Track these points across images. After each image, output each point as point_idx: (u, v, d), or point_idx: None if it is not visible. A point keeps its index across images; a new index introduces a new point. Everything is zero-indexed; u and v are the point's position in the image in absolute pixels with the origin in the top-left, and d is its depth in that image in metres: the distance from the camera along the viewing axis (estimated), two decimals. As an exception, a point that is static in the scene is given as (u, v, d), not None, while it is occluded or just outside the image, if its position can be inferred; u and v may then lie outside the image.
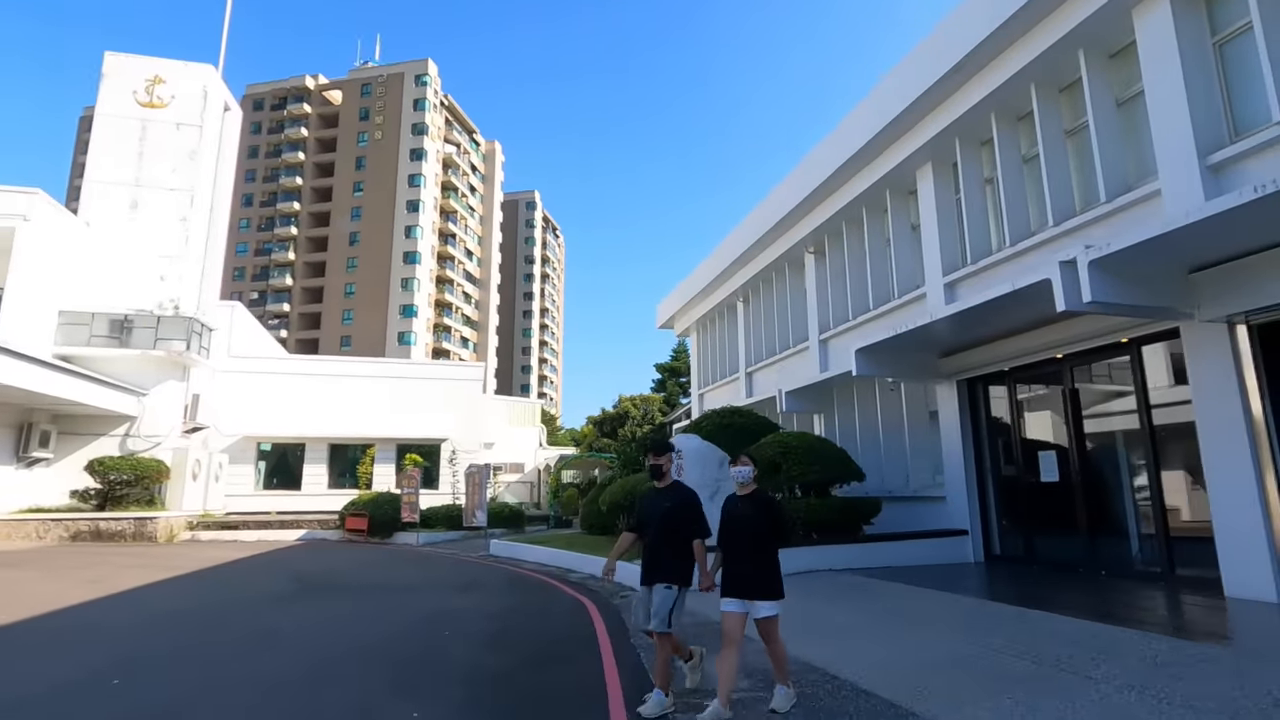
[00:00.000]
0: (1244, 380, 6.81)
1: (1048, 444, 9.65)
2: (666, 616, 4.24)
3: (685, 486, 4.72)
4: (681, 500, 4.51)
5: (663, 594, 4.26)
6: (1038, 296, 7.56)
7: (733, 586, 4.17)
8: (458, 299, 77.55)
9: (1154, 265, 6.80)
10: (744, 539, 4.19)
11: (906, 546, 10.21)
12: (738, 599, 4.13)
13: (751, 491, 4.35)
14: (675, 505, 4.46)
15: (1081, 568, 8.83)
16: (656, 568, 4.35)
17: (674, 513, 4.43)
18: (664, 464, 4.63)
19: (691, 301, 21.97)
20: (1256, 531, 6.58)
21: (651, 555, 4.41)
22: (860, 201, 13.30)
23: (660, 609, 4.26)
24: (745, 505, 4.31)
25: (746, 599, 4.12)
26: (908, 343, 10.13)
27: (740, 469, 4.36)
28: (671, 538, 4.36)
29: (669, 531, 4.37)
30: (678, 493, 4.57)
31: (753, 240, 16.70)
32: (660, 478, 4.64)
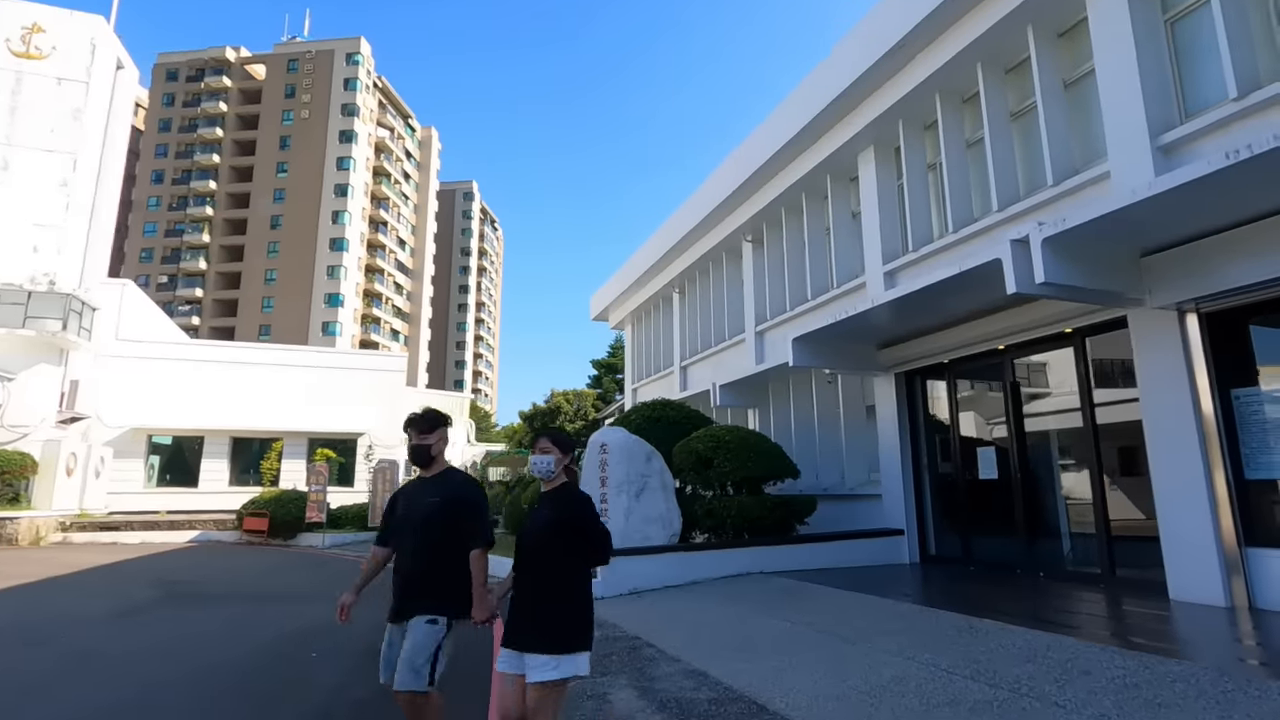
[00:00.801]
0: (1193, 372, 6.45)
1: (986, 440, 9.26)
2: (426, 667, 2.96)
3: (460, 474, 3.47)
4: (455, 493, 3.24)
5: (423, 632, 3.02)
6: (985, 280, 7.06)
7: (508, 630, 2.83)
8: (388, 289, 74.54)
9: (1108, 246, 6.37)
10: (530, 557, 2.88)
11: (841, 547, 9.66)
12: (510, 649, 2.79)
13: (557, 488, 3.00)
14: (445, 500, 3.20)
15: (1019, 568, 8.44)
16: (413, 592, 3.12)
17: (443, 510, 3.18)
18: (432, 444, 3.35)
19: (626, 292, 21.16)
20: (1204, 532, 6.21)
21: (405, 576, 3.19)
22: (800, 187, 12.76)
23: (415, 654, 2.97)
24: (544, 507, 2.98)
25: (518, 649, 2.76)
26: (847, 332, 9.57)
27: (540, 458, 2.99)
28: (438, 549, 3.14)
29: (433, 540, 3.15)
30: (450, 483, 3.30)
31: (690, 227, 16.00)
32: (427, 464, 3.36)
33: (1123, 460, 7.56)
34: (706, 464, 10.14)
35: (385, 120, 76.44)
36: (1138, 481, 7.39)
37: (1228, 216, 5.93)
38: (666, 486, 10.03)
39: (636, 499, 9.81)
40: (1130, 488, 7.50)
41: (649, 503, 9.82)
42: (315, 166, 66.64)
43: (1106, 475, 7.57)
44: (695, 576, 8.82)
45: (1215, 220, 6.01)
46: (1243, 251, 5.93)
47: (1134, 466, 7.44)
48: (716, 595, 7.79)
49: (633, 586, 8.48)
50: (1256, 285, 5.94)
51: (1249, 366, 6.34)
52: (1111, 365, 7.78)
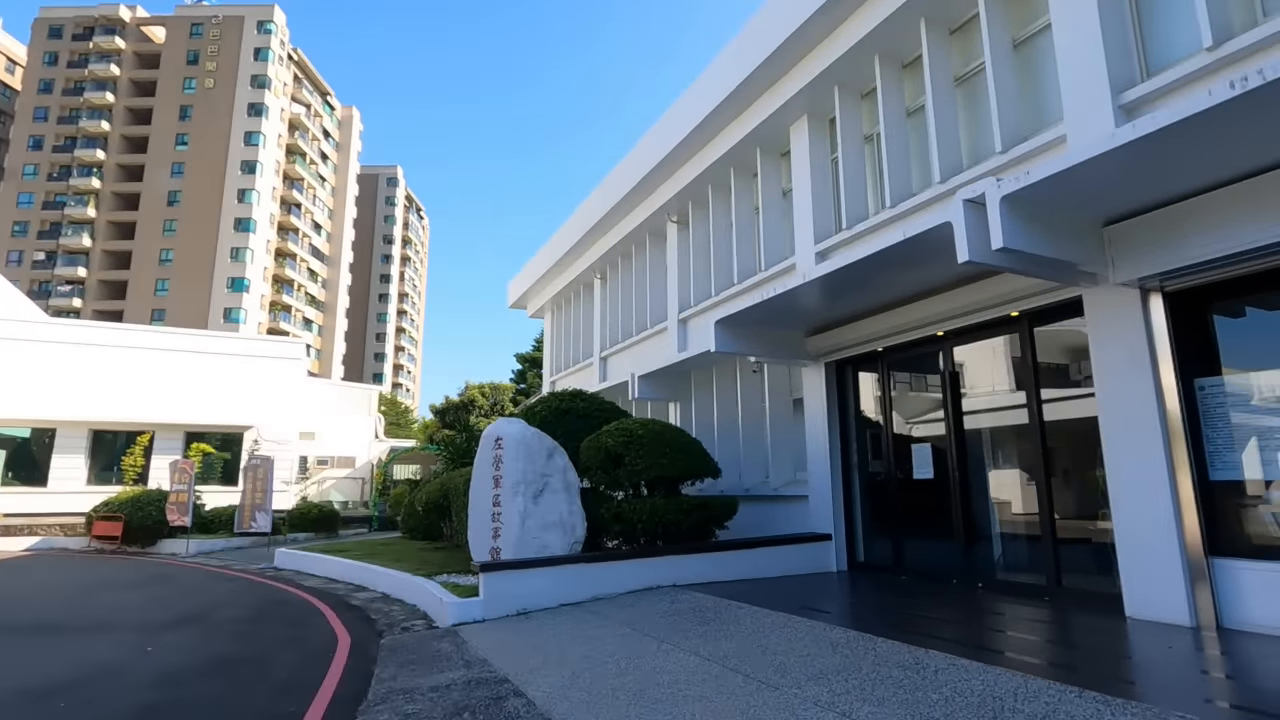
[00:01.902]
0: (1157, 360, 5.69)
1: (922, 437, 8.44)
2: None
3: None
4: None
5: None
6: (931, 249, 6.15)
7: None
8: (301, 276, 70.10)
9: (1069, 213, 5.52)
10: None
11: (764, 555, 8.64)
12: None
13: None
14: None
15: (956, 578, 7.62)
16: None
17: None
18: None
19: (545, 278, 19.76)
20: (1167, 541, 5.45)
21: None
22: (728, 162, 11.74)
23: None
24: None
25: None
26: (774, 314, 8.56)
27: None
28: None
29: None
30: None
31: (611, 205, 14.78)
32: None
33: (1072, 459, 6.81)
34: (616, 461, 8.94)
35: (301, 96, 71.86)
36: (1088, 483, 6.65)
37: (1195, 179, 5.17)
38: (570, 487, 8.77)
39: (535, 501, 8.50)
40: (1080, 490, 6.76)
41: (549, 506, 8.53)
42: (220, 140, 61.81)
43: (1054, 476, 6.80)
44: (598, 591, 7.60)
45: (1182, 183, 5.23)
46: (1212, 221, 5.17)
47: (1084, 466, 6.69)
48: (618, 617, 6.59)
49: (521, 606, 7.19)
50: (1225, 259, 5.19)
51: (1213, 354, 5.62)
52: (1061, 354, 7.03)
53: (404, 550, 12.75)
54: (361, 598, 9.38)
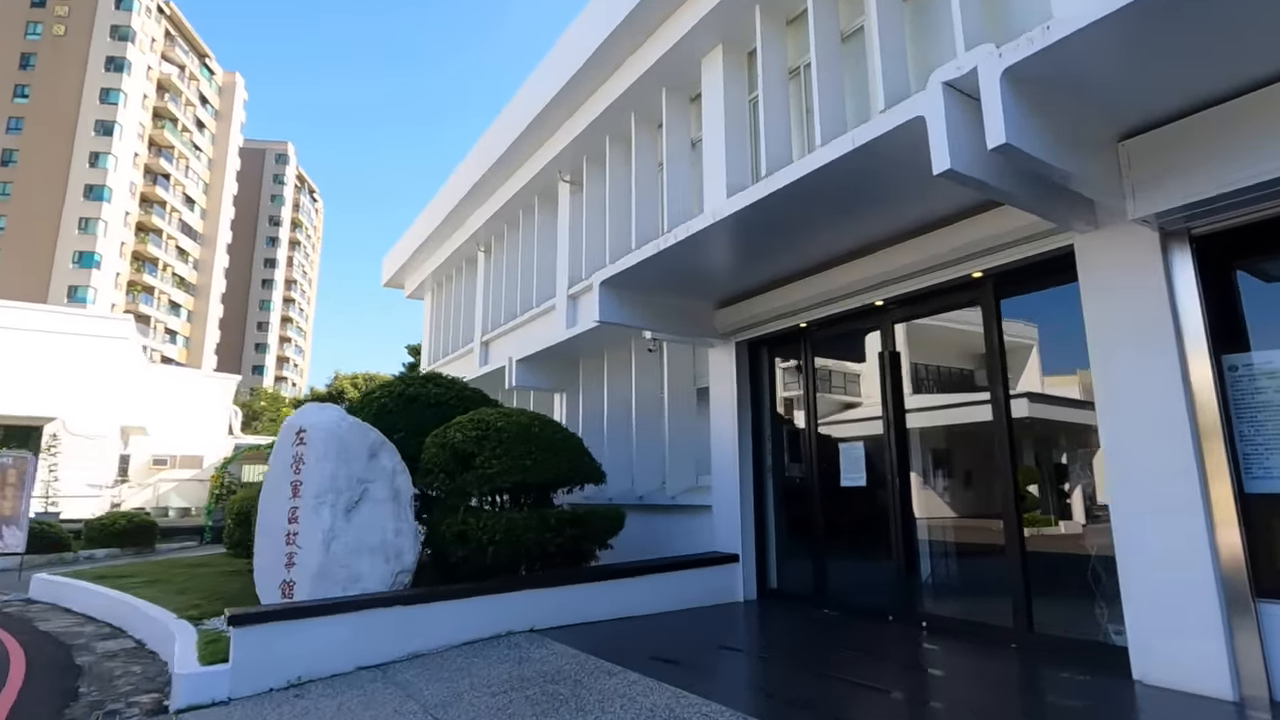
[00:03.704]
0: (1181, 330, 4.18)
1: (854, 435, 6.79)
2: None
3: None
4: None
5: None
6: (889, 169, 4.42)
7: None
8: (169, 255, 63.04)
9: (1081, 104, 3.89)
10: None
11: (653, 584, 6.73)
12: None
13: None
14: None
15: (893, 614, 5.97)
16: None
17: None
18: None
19: (423, 251, 17.20)
20: (1198, 577, 3.92)
21: None
22: (628, 107, 9.82)
23: None
24: None
25: None
26: (675, 273, 6.69)
27: None
28: None
29: None
30: None
31: (495, 159, 12.53)
32: None
33: (1048, 465, 5.29)
34: (466, 462, 6.78)
35: (174, 55, 64.65)
36: (1068, 496, 5.13)
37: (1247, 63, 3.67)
38: (400, 497, 6.54)
39: (347, 517, 6.23)
40: (1058, 504, 5.23)
41: (368, 522, 6.28)
42: (70, 96, 54.41)
43: (1025, 485, 5.25)
44: (421, 645, 5.43)
45: (1231, 70, 3.71)
46: (1260, 129, 3.67)
47: (1062, 474, 5.18)
48: (430, 696, 4.46)
49: (299, 673, 4.91)
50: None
51: (1245, 323, 4.17)
52: (1033, 327, 5.50)
53: (208, 574, 10.02)
54: (101, 650, 6.75)
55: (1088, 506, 5.08)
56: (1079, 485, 5.20)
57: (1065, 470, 5.36)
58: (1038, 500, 5.34)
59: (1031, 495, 5.34)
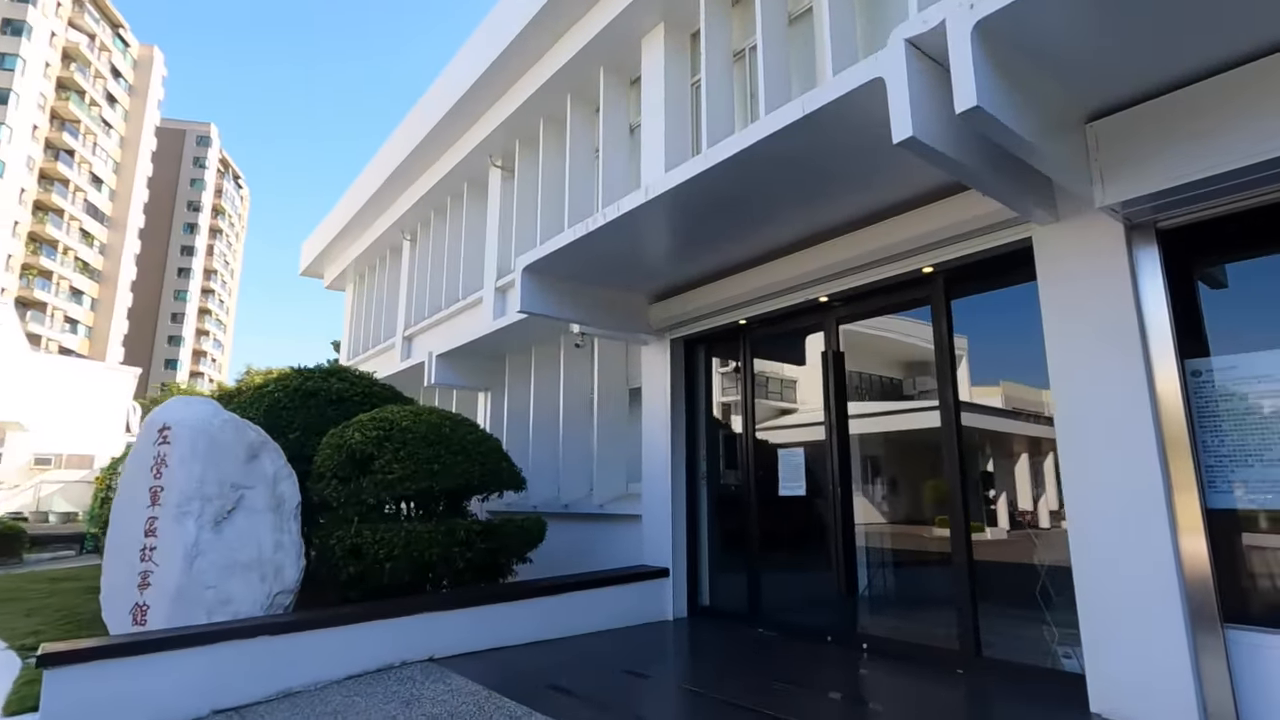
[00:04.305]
0: (1146, 331, 3.85)
1: (793, 441, 6.34)
2: None
3: None
4: None
5: None
6: (841, 138, 3.95)
7: None
8: (71, 238, 58.42)
9: (1052, 75, 3.51)
10: None
11: (575, 602, 6.10)
12: None
13: None
14: None
15: (832, 635, 5.53)
16: None
17: None
18: None
19: (344, 238, 16.06)
20: (1162, 600, 3.58)
21: None
22: (565, 86, 9.19)
23: None
24: None
25: None
26: (606, 259, 6.10)
27: None
28: None
29: None
30: None
31: (420, 139, 11.66)
32: None
33: (1003, 475, 4.94)
34: (364, 465, 5.99)
35: (83, 23, 60.04)
36: (1021, 510, 4.79)
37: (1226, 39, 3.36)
38: (283, 506, 5.70)
39: (217, 529, 5.36)
40: (1010, 518, 4.88)
41: (242, 535, 5.43)
42: (-41, 59, 49.71)
43: (974, 499, 4.89)
44: (294, 681, 4.63)
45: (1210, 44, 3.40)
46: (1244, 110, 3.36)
47: (1013, 486, 4.84)
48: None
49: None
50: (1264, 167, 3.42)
51: (1207, 325, 3.89)
52: (963, 338, 5.16)
53: (71, 590, 8.84)
54: None
55: (1011, 514, 4.87)
56: (1002, 494, 4.97)
57: (991, 478, 5.08)
58: (971, 509, 5.00)
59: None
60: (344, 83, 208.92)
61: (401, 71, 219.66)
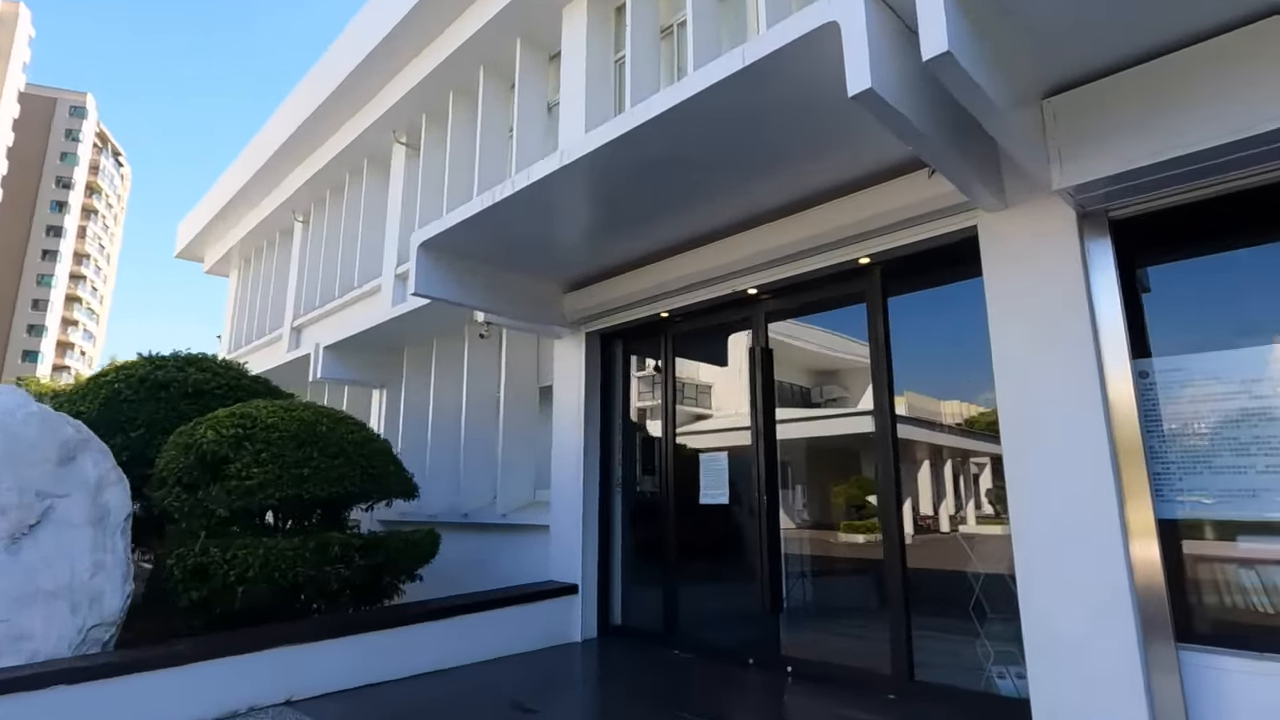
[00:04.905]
0: (1098, 329, 3.58)
1: (716, 446, 5.87)
2: None
3: None
4: None
5: None
6: (786, 97, 3.48)
7: None
8: (-92, 209, 51.44)
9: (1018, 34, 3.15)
10: None
11: (470, 626, 5.37)
12: None
13: None
14: None
15: (754, 658, 5.07)
16: None
17: None
18: None
19: (228, 217, 14.51)
20: (1114, 619, 3.29)
21: None
22: (477, 56, 8.44)
23: None
24: None
25: None
26: (513, 236, 5.42)
27: None
28: None
29: None
30: None
31: (315, 109, 10.54)
32: None
33: (931, 483, 4.62)
34: (217, 469, 5.04)
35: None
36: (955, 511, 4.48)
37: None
38: (108, 519, 4.68)
39: (12, 548, 4.32)
40: (949, 528, 4.57)
41: (49, 556, 4.39)
42: None
43: (913, 505, 4.55)
44: (103, 739, 3.70)
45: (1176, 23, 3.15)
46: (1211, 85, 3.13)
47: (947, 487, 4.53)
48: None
49: None
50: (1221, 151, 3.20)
51: (1155, 323, 3.67)
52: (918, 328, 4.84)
53: None
54: None
55: (915, 518, 4.68)
56: (908, 499, 4.74)
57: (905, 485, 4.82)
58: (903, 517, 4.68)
59: (872, 505, 4.67)
60: (244, 49, 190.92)
61: (307, 29, 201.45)
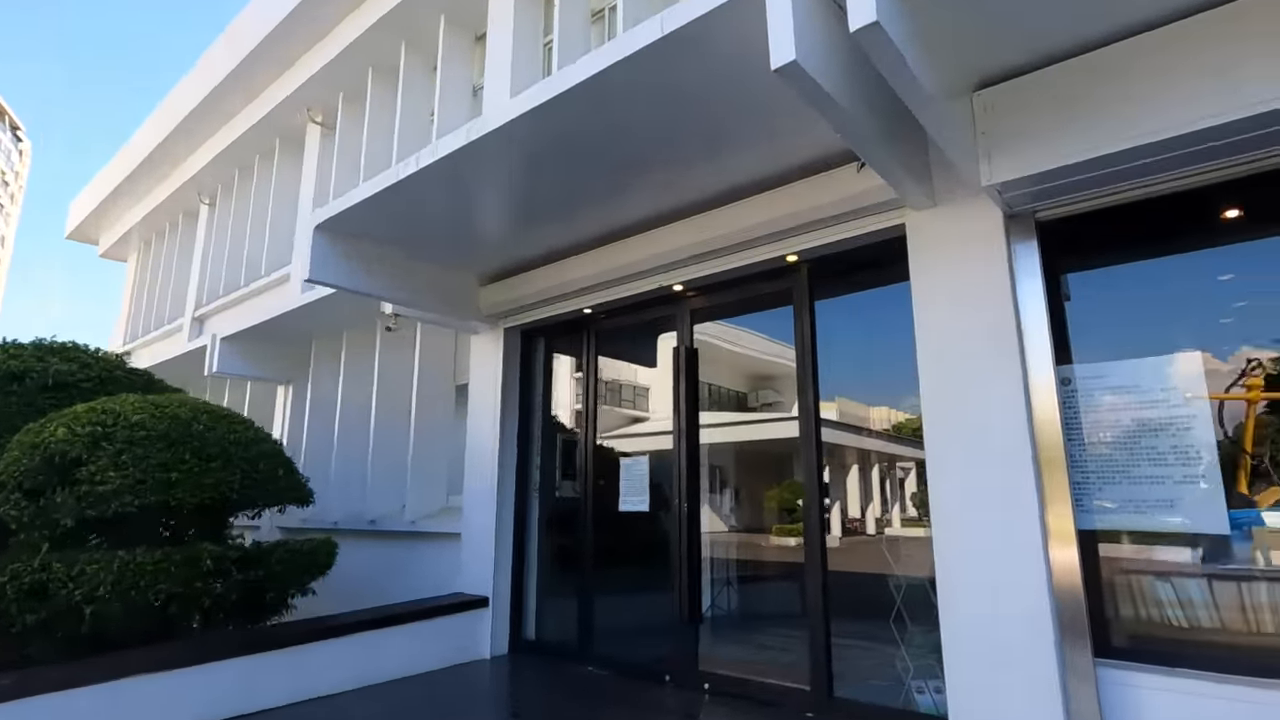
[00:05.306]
0: (1024, 334, 3.46)
1: (638, 450, 5.59)
2: None
3: None
4: None
5: None
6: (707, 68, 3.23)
7: None
8: None
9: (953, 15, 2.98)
10: None
11: (366, 644, 4.91)
12: None
13: None
14: None
15: (670, 674, 4.80)
16: None
17: None
18: None
19: (124, 196, 13.36)
20: (1034, 632, 3.16)
21: None
22: (397, 31, 7.94)
23: None
24: None
25: None
26: (423, 221, 5.00)
27: None
28: None
29: None
30: None
31: (220, 81, 9.75)
32: None
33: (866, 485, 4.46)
34: (68, 473, 4.42)
35: None
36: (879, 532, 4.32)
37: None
38: (-74, 529, 4.02)
39: None
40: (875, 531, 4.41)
41: None
42: None
43: (841, 509, 4.37)
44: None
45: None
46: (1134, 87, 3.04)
47: (824, 491, 4.36)
48: None
49: None
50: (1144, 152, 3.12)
51: (1076, 329, 3.60)
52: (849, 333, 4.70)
53: None
54: None
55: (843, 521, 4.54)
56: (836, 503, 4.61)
57: (828, 488, 4.68)
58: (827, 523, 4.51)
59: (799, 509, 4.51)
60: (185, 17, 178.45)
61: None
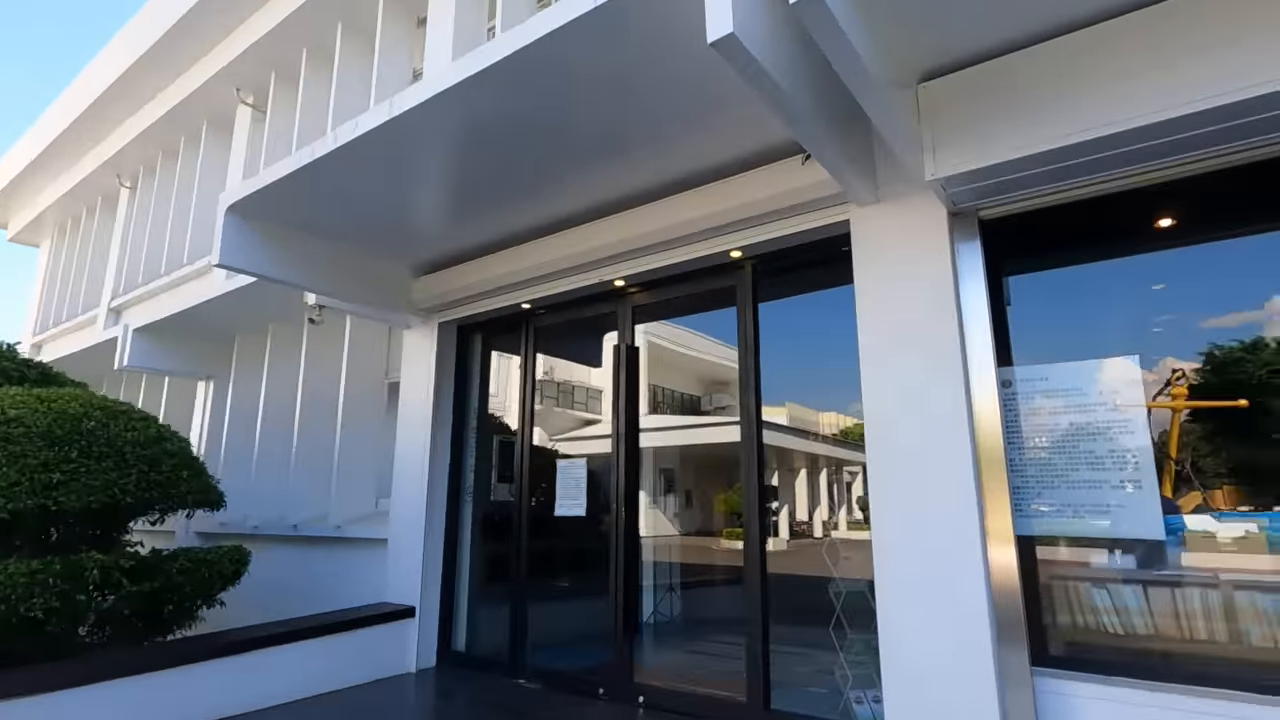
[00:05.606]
0: (965, 335, 3.38)
1: (577, 453, 5.37)
2: None
3: None
4: None
5: None
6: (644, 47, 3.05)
7: None
8: None
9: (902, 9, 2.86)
10: None
11: (278, 659, 4.55)
12: None
13: None
14: None
15: (605, 688, 4.59)
16: None
17: None
18: None
19: (38, 175, 12.45)
20: (970, 640, 3.06)
21: None
22: (337, 6, 7.54)
23: None
24: None
25: None
26: (350, 203, 4.67)
27: None
28: None
29: None
30: None
31: (142, 54, 9.13)
32: None
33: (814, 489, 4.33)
34: (-70, 476, 3.95)
35: None
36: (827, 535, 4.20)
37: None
38: None
39: None
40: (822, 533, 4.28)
41: None
42: None
43: (789, 512, 4.23)
44: None
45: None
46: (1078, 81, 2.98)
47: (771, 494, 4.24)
48: None
49: None
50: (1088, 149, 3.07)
51: (1016, 330, 3.54)
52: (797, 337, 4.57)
53: None
54: None
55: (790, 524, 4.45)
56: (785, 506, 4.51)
57: (774, 491, 4.59)
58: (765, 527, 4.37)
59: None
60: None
61: None
